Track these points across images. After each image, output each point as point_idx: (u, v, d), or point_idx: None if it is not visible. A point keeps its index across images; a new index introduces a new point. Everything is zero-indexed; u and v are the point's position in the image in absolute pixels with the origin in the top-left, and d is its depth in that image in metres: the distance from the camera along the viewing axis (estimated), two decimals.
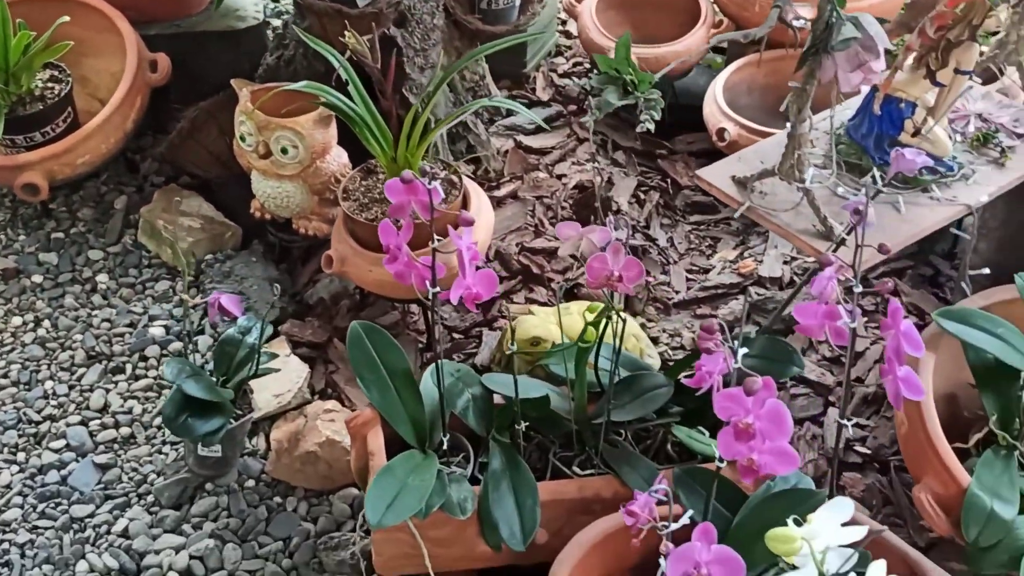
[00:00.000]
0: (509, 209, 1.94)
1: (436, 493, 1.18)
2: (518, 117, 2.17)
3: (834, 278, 0.91)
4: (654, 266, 1.85)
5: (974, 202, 1.21)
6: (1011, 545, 1.14)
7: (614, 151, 2.13)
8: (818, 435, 1.55)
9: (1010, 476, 1.20)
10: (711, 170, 1.26)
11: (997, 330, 1.28)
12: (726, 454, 0.79)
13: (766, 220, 1.18)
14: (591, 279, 1.07)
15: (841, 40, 0.99)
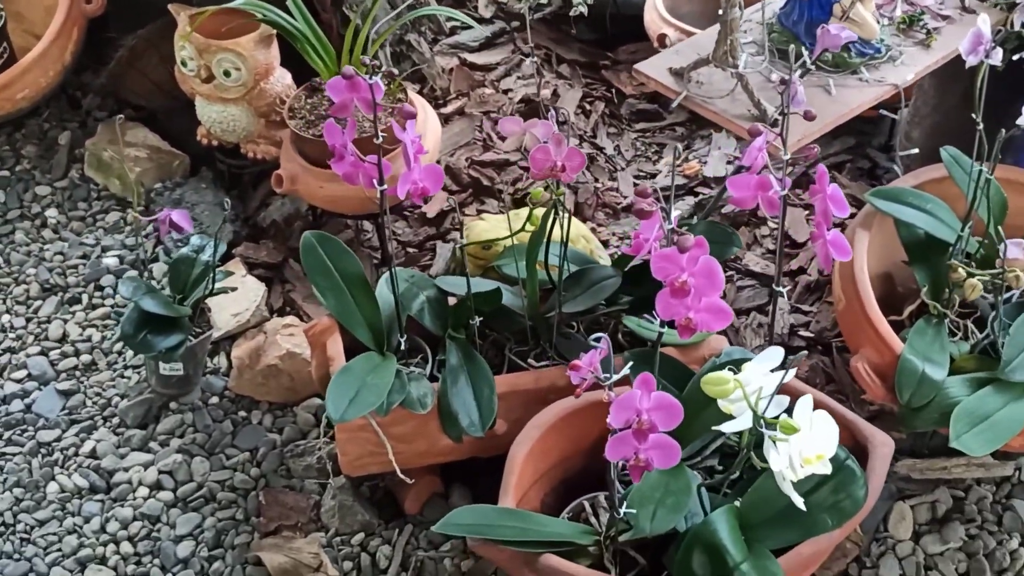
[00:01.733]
0: (457, 125, 1.95)
1: (396, 390, 1.22)
2: (462, 35, 2.17)
3: (764, 148, 0.95)
4: (602, 173, 1.88)
5: (901, 81, 1.25)
6: (941, 403, 1.20)
7: (558, 64, 2.15)
8: (764, 323, 1.60)
9: (940, 342, 1.26)
10: (649, 63, 1.29)
11: (927, 206, 1.33)
12: (664, 314, 0.83)
13: (703, 108, 1.22)
14: (535, 170, 1.10)
15: None
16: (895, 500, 1.36)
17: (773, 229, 1.75)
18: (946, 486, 1.37)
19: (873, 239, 1.38)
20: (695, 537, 0.99)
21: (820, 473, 0.78)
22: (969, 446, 1.15)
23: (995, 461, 1.37)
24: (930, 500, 1.36)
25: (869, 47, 1.27)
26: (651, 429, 0.79)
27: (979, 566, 1.28)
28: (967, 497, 1.36)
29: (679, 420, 0.80)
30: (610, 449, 0.81)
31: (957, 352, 1.28)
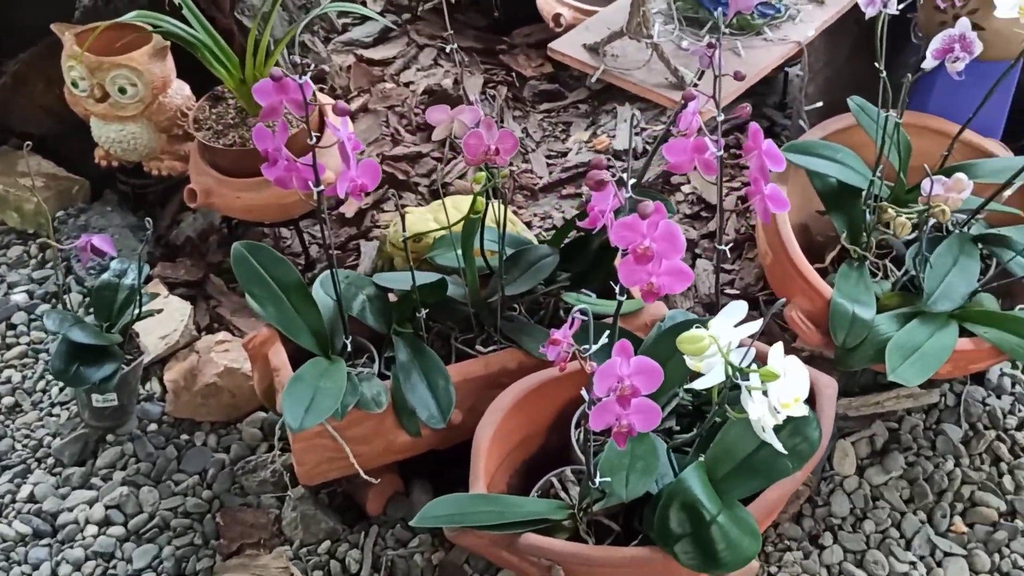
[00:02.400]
0: (363, 123, 1.93)
1: (349, 393, 1.20)
2: (355, 31, 2.15)
3: (697, 112, 0.98)
4: (515, 157, 1.89)
5: (803, 38, 1.31)
6: (873, 341, 1.26)
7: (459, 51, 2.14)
8: (691, 286, 1.65)
9: (865, 283, 1.32)
10: (562, 42, 1.30)
11: (837, 156, 1.39)
12: (628, 282, 0.85)
13: (621, 80, 1.24)
14: (470, 156, 1.10)
15: None
16: (836, 439, 1.42)
17: (688, 194, 1.80)
18: (881, 419, 1.44)
19: (789, 193, 1.44)
20: (670, 496, 1.01)
21: (797, 415, 0.82)
22: (905, 377, 1.21)
23: (922, 390, 1.44)
24: (868, 435, 1.42)
25: (770, 8, 1.32)
26: (634, 394, 0.81)
27: (921, 490, 1.36)
28: (901, 427, 1.43)
29: (660, 381, 0.82)
30: (594, 418, 0.83)
31: (880, 291, 1.34)
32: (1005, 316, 1.28)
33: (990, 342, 1.26)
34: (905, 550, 1.31)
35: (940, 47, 1.10)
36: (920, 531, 1.32)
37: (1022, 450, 1.40)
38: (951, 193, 1.08)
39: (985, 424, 1.43)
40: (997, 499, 1.35)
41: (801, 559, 1.30)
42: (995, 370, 1.48)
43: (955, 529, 1.33)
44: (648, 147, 1.90)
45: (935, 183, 1.08)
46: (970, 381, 1.48)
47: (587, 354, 0.84)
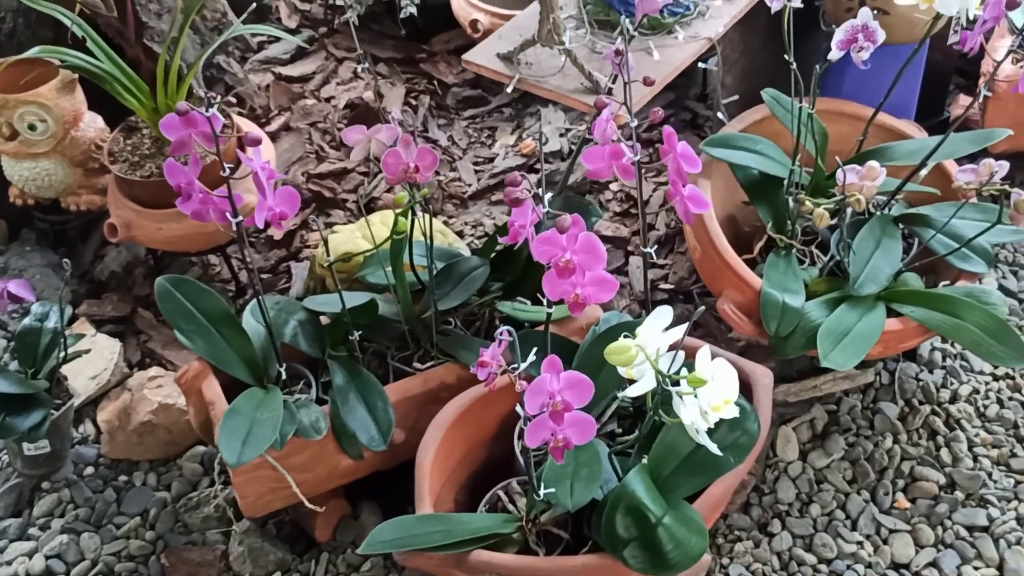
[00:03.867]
0: (285, 141, 1.91)
1: (287, 421, 1.19)
2: (271, 49, 2.12)
3: (611, 119, 0.98)
4: (442, 165, 1.88)
5: (714, 34, 1.32)
6: (805, 328, 1.28)
7: (375, 64, 2.13)
8: (625, 283, 1.66)
9: (793, 271, 1.34)
10: (476, 52, 1.30)
11: (756, 147, 1.41)
12: (553, 295, 0.85)
13: (537, 88, 1.24)
14: (389, 175, 1.09)
15: None
16: (778, 426, 1.44)
17: (616, 192, 1.81)
18: (819, 403, 1.46)
19: (713, 186, 1.45)
20: (615, 502, 1.02)
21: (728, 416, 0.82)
22: (838, 361, 1.23)
23: (858, 371, 1.47)
24: (808, 419, 1.44)
25: (679, 6, 1.33)
26: (566, 408, 0.80)
27: (863, 469, 1.38)
28: (839, 409, 1.46)
29: (591, 394, 0.82)
30: (529, 435, 0.82)
31: (809, 278, 1.36)
32: (930, 294, 1.30)
33: (917, 321, 1.28)
34: (851, 530, 1.33)
35: (844, 38, 1.11)
36: (865, 510, 1.34)
37: (956, 422, 1.43)
38: (865, 181, 1.10)
39: (920, 399, 1.46)
40: (936, 472, 1.38)
41: (752, 548, 1.31)
42: (926, 345, 1.51)
43: (898, 505, 1.35)
44: (572, 147, 1.90)
45: (848, 172, 1.10)
46: (903, 358, 1.51)
47: (517, 372, 0.83)
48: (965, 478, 1.36)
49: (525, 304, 1.41)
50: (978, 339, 1.26)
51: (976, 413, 1.45)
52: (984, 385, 1.48)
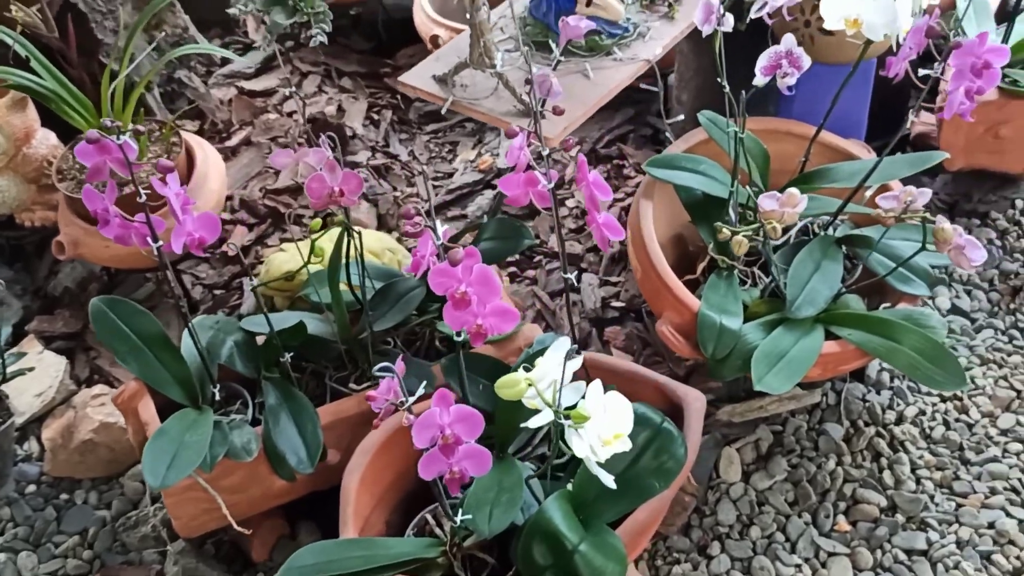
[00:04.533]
0: (245, 156, 1.91)
1: (218, 443, 1.19)
2: (236, 63, 2.12)
3: (524, 147, 0.98)
4: (400, 181, 1.89)
5: (651, 56, 1.31)
6: (742, 350, 1.27)
7: (339, 78, 2.13)
8: (577, 300, 1.66)
9: (733, 293, 1.34)
10: (412, 73, 1.30)
11: (700, 167, 1.40)
12: (454, 325, 0.85)
13: (471, 110, 1.24)
14: (314, 200, 1.09)
15: None
16: (722, 446, 1.43)
17: (572, 209, 1.81)
18: (765, 423, 1.46)
19: (658, 205, 1.45)
20: (532, 528, 1.01)
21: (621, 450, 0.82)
22: (772, 385, 1.23)
23: (804, 391, 1.46)
24: (753, 439, 1.44)
25: (617, 28, 1.32)
26: (457, 442, 0.80)
27: (804, 492, 1.37)
28: (785, 430, 1.45)
29: (481, 428, 0.82)
30: (423, 468, 0.82)
31: (750, 299, 1.36)
32: (867, 317, 1.30)
33: (854, 344, 1.28)
34: (791, 553, 1.32)
35: (767, 64, 1.11)
36: (804, 533, 1.34)
37: (901, 444, 1.42)
38: (785, 208, 1.10)
39: (865, 420, 1.46)
40: (878, 495, 1.37)
41: (690, 571, 1.31)
42: (874, 365, 1.51)
43: (839, 528, 1.35)
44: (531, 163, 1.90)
45: (767, 199, 1.10)
46: (850, 378, 1.50)
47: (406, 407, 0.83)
48: (906, 501, 1.35)
49: None
50: (915, 363, 1.25)
51: (921, 435, 1.44)
52: (931, 407, 1.47)
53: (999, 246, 1.71)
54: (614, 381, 1.25)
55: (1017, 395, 1.48)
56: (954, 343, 1.56)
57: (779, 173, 1.46)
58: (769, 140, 1.50)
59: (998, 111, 1.64)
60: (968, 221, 1.75)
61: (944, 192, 1.82)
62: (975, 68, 1.00)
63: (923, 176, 1.84)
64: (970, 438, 1.43)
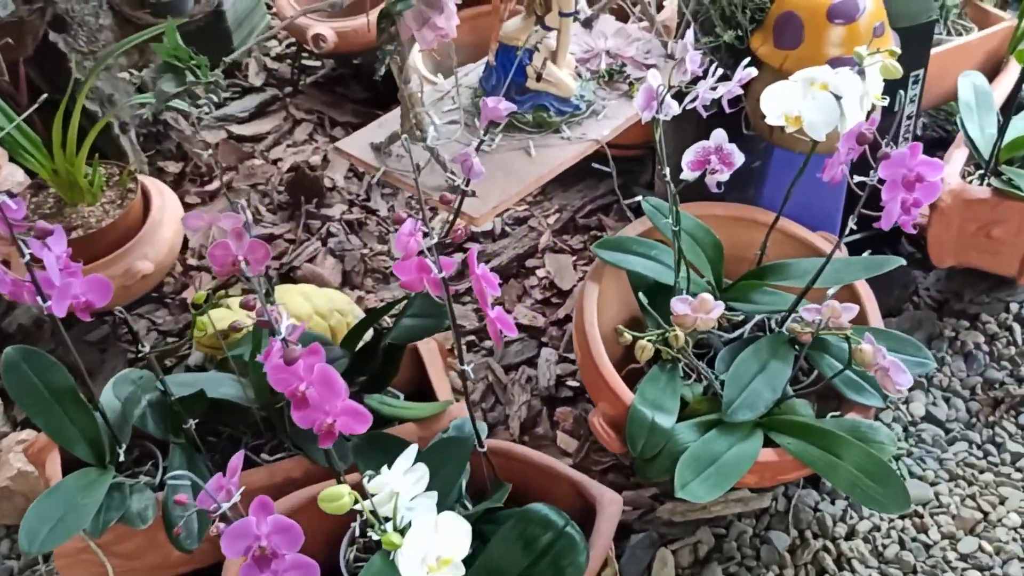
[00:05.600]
0: (222, 202, 1.90)
1: (114, 507, 1.15)
2: (231, 106, 2.12)
3: (415, 233, 0.93)
4: (372, 238, 1.85)
5: (600, 137, 1.26)
6: (672, 451, 1.20)
7: (332, 127, 2.12)
8: (533, 376, 1.60)
9: (673, 387, 1.26)
10: (352, 139, 1.26)
11: (651, 252, 1.34)
12: (303, 423, 0.80)
13: (402, 182, 1.20)
14: (216, 267, 1.06)
15: (401, 1, 1.00)
16: (658, 546, 1.35)
17: (542, 279, 1.76)
18: (708, 525, 1.37)
19: (611, 288, 1.39)
20: None
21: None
22: (695, 494, 1.15)
23: (752, 495, 1.38)
24: (692, 542, 1.36)
25: (567, 105, 1.27)
26: (274, 555, 0.75)
27: None
28: (728, 534, 1.37)
29: (301, 542, 0.77)
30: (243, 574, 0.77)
31: (692, 395, 1.29)
32: (809, 426, 1.22)
33: (793, 454, 1.20)
34: None
35: (694, 159, 1.05)
36: None
37: (847, 562, 1.33)
38: (698, 314, 1.03)
39: (814, 532, 1.37)
40: None
41: None
42: None
43: None
44: (507, 227, 1.86)
45: (679, 303, 1.03)
46: (804, 484, 1.42)
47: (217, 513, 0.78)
48: None
49: (399, 398, 1.37)
50: (856, 480, 1.17)
51: (873, 553, 1.34)
52: (887, 522, 1.38)
53: (986, 352, 1.61)
54: (529, 474, 1.19)
55: (984, 517, 1.38)
56: (923, 454, 1.47)
57: (742, 262, 1.40)
58: (733, 228, 1.44)
59: (991, 211, 1.55)
60: (957, 322, 1.66)
61: (936, 288, 1.72)
62: (907, 181, 0.93)
63: (916, 270, 1.75)
64: (926, 560, 1.33)
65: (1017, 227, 1.55)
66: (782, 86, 1.05)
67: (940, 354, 1.61)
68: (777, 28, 1.35)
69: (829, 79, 1.01)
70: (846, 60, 1.32)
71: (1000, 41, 1.91)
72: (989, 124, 1.64)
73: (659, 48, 1.40)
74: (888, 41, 1.35)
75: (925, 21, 1.54)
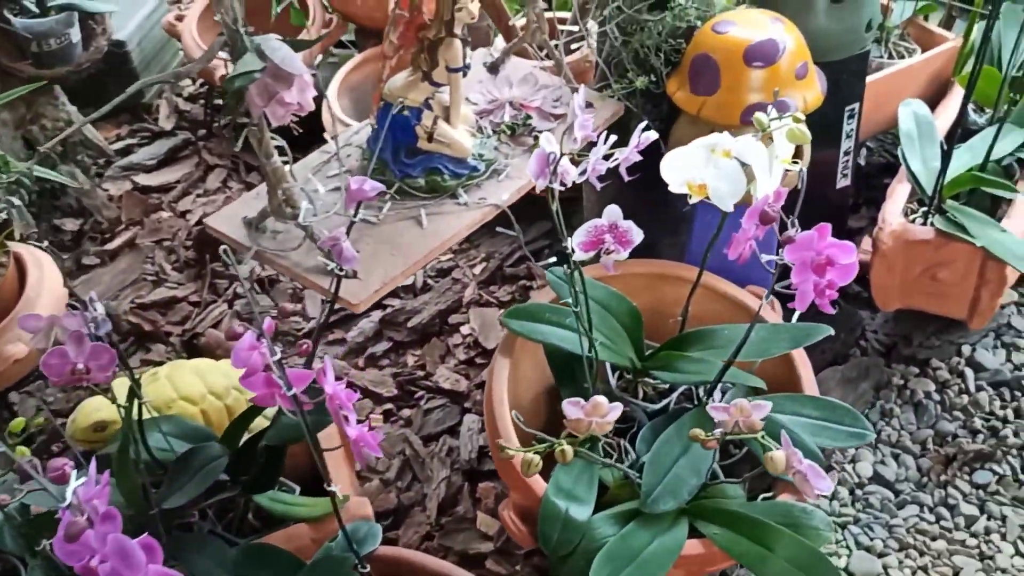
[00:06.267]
0: (123, 261, 1.77)
1: None
2: (135, 155, 2.00)
3: (258, 347, 0.81)
4: (284, 296, 1.73)
5: (500, 201, 1.15)
6: (587, 548, 1.09)
7: (247, 173, 2.00)
8: (454, 447, 1.48)
9: (590, 472, 1.15)
10: (222, 215, 1.14)
11: (566, 320, 1.22)
12: None
13: (275, 263, 1.08)
14: (53, 377, 0.94)
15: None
16: None
17: (466, 336, 1.64)
18: None
19: (526, 358, 1.28)
20: None
21: None
22: None
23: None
24: None
25: (464, 166, 1.16)
26: None
27: None
28: None
29: None
30: None
31: (612, 479, 1.18)
32: (738, 515, 1.10)
33: (720, 547, 1.09)
34: None
35: (586, 239, 0.94)
36: None
37: None
38: (592, 418, 0.92)
39: None
40: None
41: None
42: None
43: None
44: (429, 280, 1.74)
45: (571, 406, 0.92)
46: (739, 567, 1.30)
47: None
48: None
49: (293, 493, 1.25)
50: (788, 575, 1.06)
51: None
52: None
53: (937, 401, 1.51)
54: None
55: None
56: (871, 521, 1.36)
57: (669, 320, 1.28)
58: (657, 285, 1.33)
59: (935, 252, 1.45)
60: (906, 368, 1.55)
61: (884, 331, 1.62)
62: (817, 266, 0.82)
63: (863, 310, 1.65)
64: None
65: (964, 269, 1.45)
66: (682, 152, 0.94)
67: (889, 405, 1.51)
68: (693, 72, 1.24)
69: (732, 145, 0.90)
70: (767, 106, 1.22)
71: (945, 62, 1.81)
72: (932, 156, 1.54)
73: (570, 95, 1.29)
74: (813, 82, 1.25)
75: (858, 53, 1.45)
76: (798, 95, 1.22)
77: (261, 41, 0.88)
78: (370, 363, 1.59)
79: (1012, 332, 1.60)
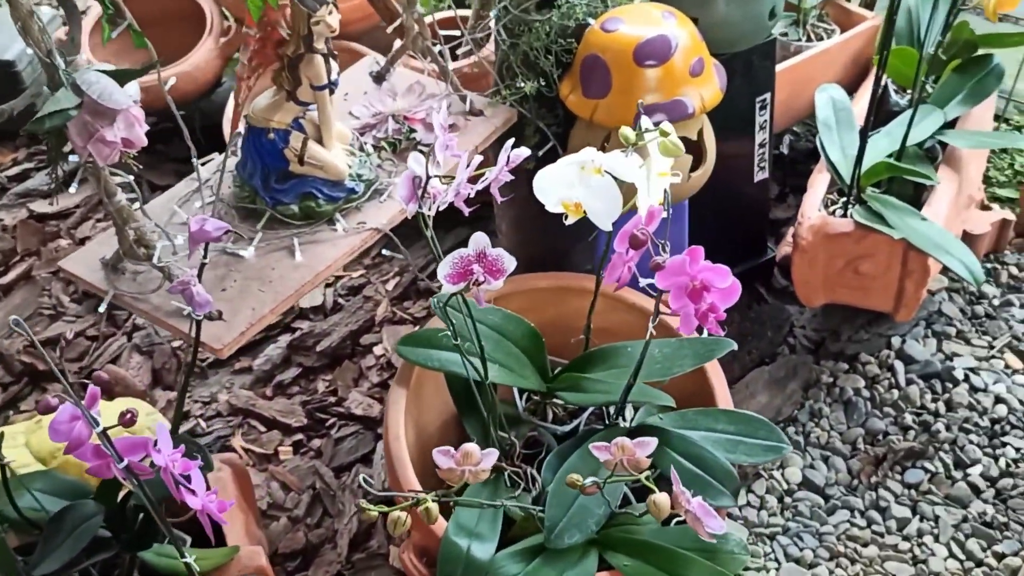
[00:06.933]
0: (18, 296, 1.68)
1: None
2: (31, 181, 1.90)
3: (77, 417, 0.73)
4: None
5: (380, 225, 1.07)
6: None
7: (151, 192, 1.90)
8: (369, 477, 1.41)
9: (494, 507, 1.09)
10: (78, 257, 1.06)
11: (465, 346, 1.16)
12: None
13: (134, 307, 1.00)
14: None
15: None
16: None
17: (379, 357, 1.57)
18: None
19: (428, 386, 1.21)
20: None
21: None
22: None
23: None
24: None
25: (340, 189, 1.08)
26: None
27: None
28: None
29: None
30: None
31: (518, 512, 1.11)
32: (647, 544, 1.05)
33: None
34: None
35: (452, 272, 0.87)
36: None
37: None
38: (466, 466, 0.85)
39: None
40: None
41: None
42: None
43: None
44: (339, 299, 1.66)
45: (441, 455, 0.85)
46: None
47: None
48: None
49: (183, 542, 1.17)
50: None
51: None
52: None
53: (867, 398, 1.46)
54: None
55: None
56: (800, 529, 1.31)
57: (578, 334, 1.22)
58: (562, 298, 1.27)
59: (856, 245, 1.40)
60: (835, 365, 1.50)
61: (811, 327, 1.57)
62: (692, 291, 0.76)
63: (792, 307, 1.60)
64: None
65: (886, 261, 1.40)
66: (553, 170, 0.87)
67: (818, 404, 1.45)
68: (583, 74, 1.17)
69: (602, 161, 0.83)
70: (665, 106, 1.16)
71: (864, 43, 1.76)
72: (850, 144, 1.49)
73: (459, 104, 1.22)
74: (711, 79, 1.18)
75: (764, 41, 1.39)
76: (695, 93, 1.16)
77: (77, 75, 0.80)
78: (278, 391, 1.51)
79: (943, 320, 1.56)
